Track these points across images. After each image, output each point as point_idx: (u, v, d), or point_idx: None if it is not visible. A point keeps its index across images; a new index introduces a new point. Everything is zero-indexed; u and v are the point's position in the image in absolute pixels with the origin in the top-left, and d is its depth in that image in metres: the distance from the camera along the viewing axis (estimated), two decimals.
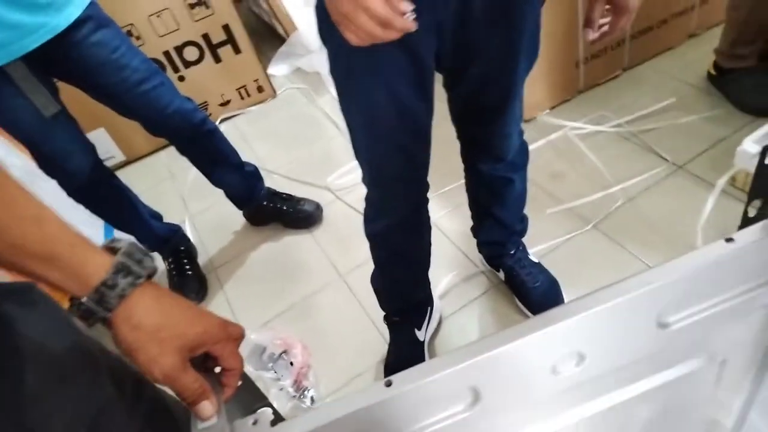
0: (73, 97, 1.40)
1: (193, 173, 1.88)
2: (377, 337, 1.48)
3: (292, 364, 1.44)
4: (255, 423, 0.52)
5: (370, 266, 1.33)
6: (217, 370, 0.58)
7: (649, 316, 0.55)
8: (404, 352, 1.40)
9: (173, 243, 1.80)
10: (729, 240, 0.53)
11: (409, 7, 0.62)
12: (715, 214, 1.47)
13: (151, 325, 0.51)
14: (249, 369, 1.45)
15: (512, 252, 1.43)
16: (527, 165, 1.30)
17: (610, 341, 0.56)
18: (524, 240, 1.47)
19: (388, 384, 0.51)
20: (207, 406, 0.52)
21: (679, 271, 0.52)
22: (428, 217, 1.25)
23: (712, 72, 1.81)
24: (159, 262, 1.83)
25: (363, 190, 1.12)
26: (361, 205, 1.18)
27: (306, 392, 1.39)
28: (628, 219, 1.55)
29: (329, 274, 1.69)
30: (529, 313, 1.42)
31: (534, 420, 0.63)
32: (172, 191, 2.22)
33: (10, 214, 0.48)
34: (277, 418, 0.76)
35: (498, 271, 1.48)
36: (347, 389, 1.42)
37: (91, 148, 1.49)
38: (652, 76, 2.00)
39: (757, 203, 0.60)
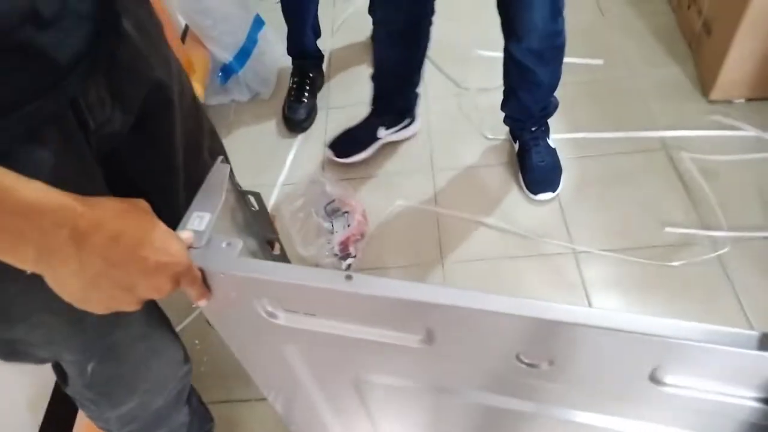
0: None
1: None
2: (436, 256, 1.46)
3: (348, 226, 1.48)
4: (228, 245, 0.54)
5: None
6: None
7: (643, 363, 0.48)
8: (355, 131, 1.68)
9: (307, 65, 1.84)
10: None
11: None
12: None
13: None
14: (311, 210, 1.52)
15: (532, 129, 1.53)
16: (559, 62, 1.38)
17: (589, 362, 0.50)
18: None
19: (348, 278, 0.50)
20: None
21: (698, 335, 0.44)
22: (424, 38, 1.48)
23: None
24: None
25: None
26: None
27: (347, 257, 1.44)
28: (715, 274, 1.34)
29: (425, 168, 1.66)
30: (527, 191, 1.53)
31: (483, 388, 0.60)
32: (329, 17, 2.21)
33: None
34: (281, 257, 0.79)
35: (515, 142, 1.59)
36: (385, 273, 1.45)
37: None
38: None
39: None
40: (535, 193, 1.51)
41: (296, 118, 1.80)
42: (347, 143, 1.69)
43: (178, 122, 0.70)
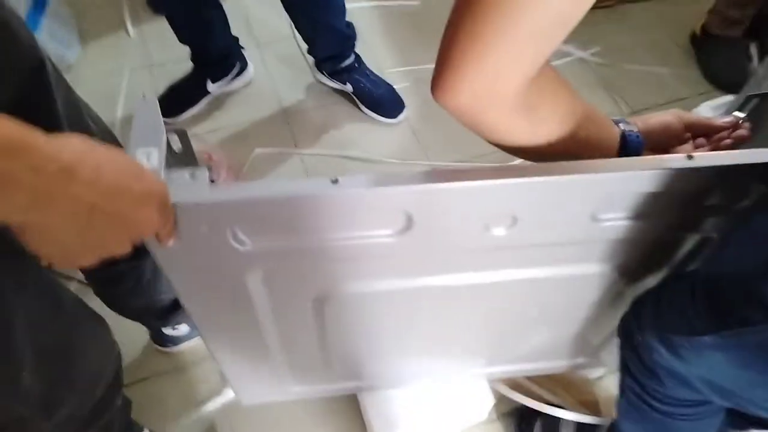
0: None
1: None
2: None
3: (213, 181, 1.41)
4: (192, 176, 0.50)
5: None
6: None
7: (587, 204, 0.58)
8: (181, 87, 1.60)
9: None
10: (690, 157, 0.54)
11: None
12: None
13: None
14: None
15: (354, 63, 1.57)
16: None
17: (545, 214, 0.58)
18: None
19: (335, 181, 0.51)
20: None
21: (630, 171, 0.54)
22: None
23: (697, 33, 1.82)
24: None
25: None
26: None
27: None
28: None
29: (275, 112, 1.64)
30: (378, 117, 1.61)
31: (453, 269, 0.67)
32: None
33: None
34: None
35: (345, 84, 1.61)
36: None
37: None
38: (642, 16, 1.96)
39: None
40: (393, 116, 1.60)
41: None
42: (174, 100, 1.59)
43: (55, 89, 0.62)
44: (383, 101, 1.62)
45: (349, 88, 1.61)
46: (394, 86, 1.65)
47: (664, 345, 0.64)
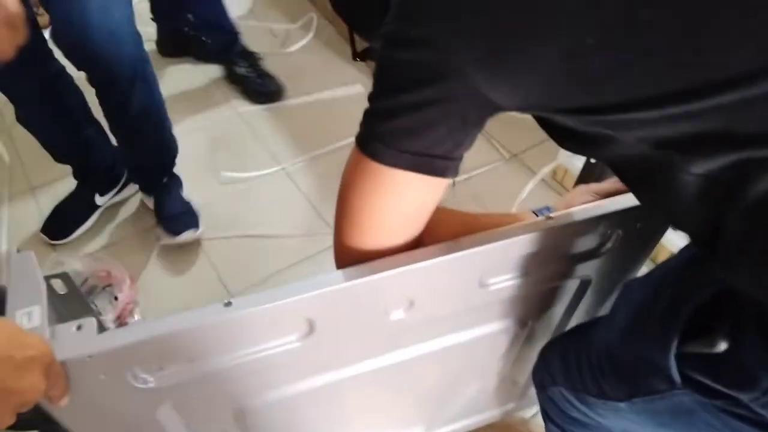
0: None
1: None
2: (216, 286, 1.45)
3: (116, 298, 1.36)
4: (79, 328, 0.49)
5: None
6: None
7: (473, 275, 0.62)
8: (67, 206, 1.52)
9: None
10: (549, 219, 0.60)
11: None
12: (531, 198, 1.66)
13: None
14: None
15: (165, 180, 1.49)
16: (148, 72, 1.22)
17: (438, 292, 0.62)
18: None
19: (228, 304, 0.52)
20: None
21: (503, 240, 0.59)
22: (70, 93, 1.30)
23: None
24: None
25: None
26: None
27: None
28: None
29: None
30: (167, 240, 1.46)
31: (363, 357, 0.68)
32: None
33: None
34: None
35: (150, 196, 1.53)
36: None
37: None
38: None
39: None
40: (181, 231, 1.46)
41: None
42: (62, 221, 1.52)
43: None
44: (177, 216, 1.50)
45: (151, 203, 1.55)
46: (290, 177, 1.66)
47: (579, 401, 0.66)
